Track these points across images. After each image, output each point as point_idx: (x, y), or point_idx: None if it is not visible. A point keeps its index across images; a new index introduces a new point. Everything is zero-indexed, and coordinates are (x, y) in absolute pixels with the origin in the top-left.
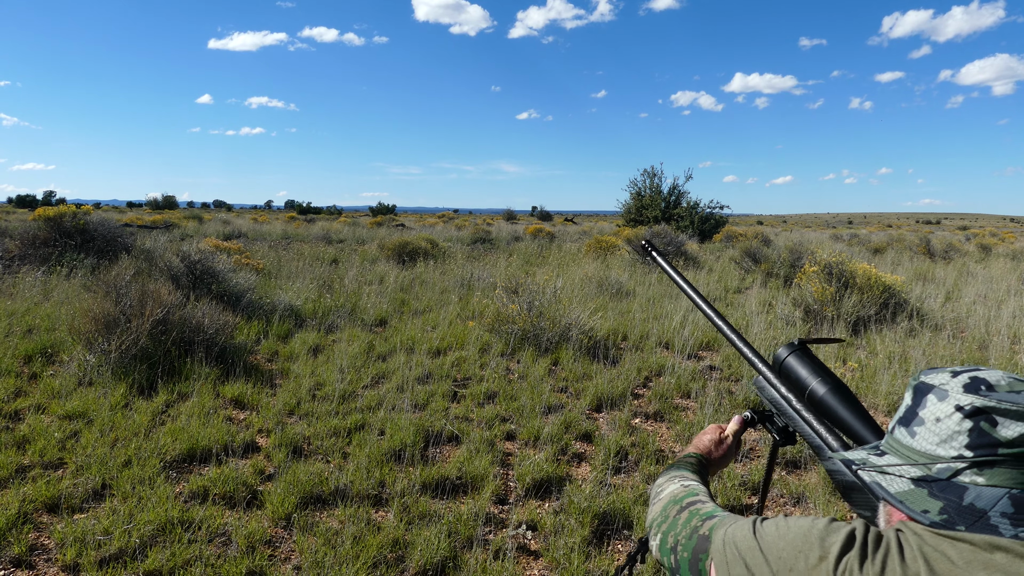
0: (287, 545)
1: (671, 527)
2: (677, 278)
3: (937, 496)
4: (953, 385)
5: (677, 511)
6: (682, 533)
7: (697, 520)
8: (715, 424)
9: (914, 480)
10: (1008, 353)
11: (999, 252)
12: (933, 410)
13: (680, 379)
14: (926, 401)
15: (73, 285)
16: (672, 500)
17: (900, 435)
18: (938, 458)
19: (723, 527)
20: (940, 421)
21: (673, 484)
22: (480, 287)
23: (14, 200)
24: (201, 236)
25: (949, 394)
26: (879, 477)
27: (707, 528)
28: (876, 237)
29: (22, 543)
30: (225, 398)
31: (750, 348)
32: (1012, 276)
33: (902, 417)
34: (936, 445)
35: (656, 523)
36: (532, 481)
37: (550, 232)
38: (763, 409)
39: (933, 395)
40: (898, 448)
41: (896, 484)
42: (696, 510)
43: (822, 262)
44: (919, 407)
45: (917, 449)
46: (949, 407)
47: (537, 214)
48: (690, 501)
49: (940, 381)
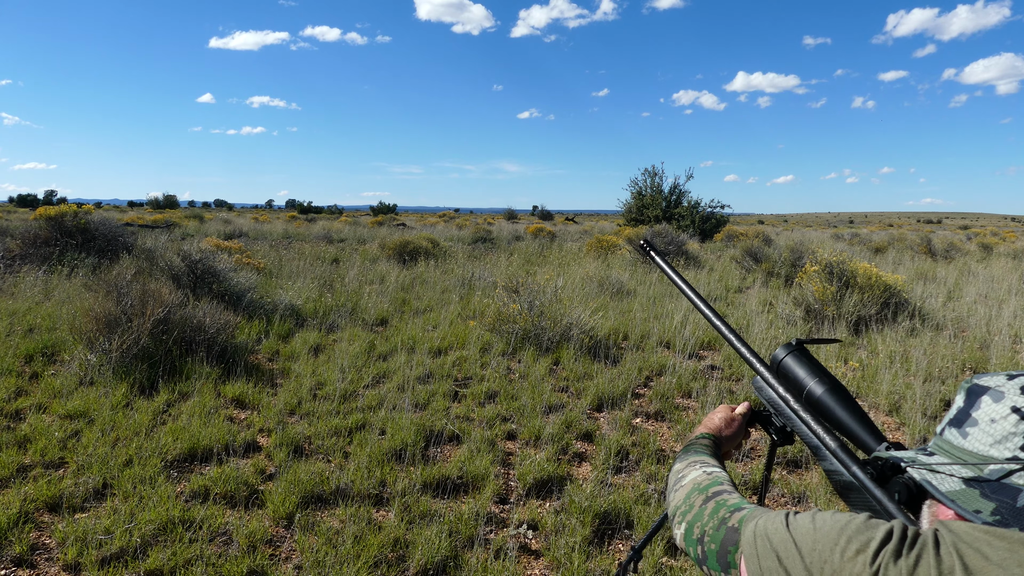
0: (288, 544)
1: (697, 517)
2: (676, 278)
3: (990, 497)
4: (1010, 387)
5: (703, 500)
6: (709, 524)
7: (725, 511)
8: (725, 403)
9: (965, 480)
10: (1009, 353)
11: (1000, 251)
12: (988, 411)
13: (681, 379)
14: (980, 403)
15: (74, 284)
16: (696, 488)
17: (951, 436)
18: (991, 459)
19: (753, 520)
20: (995, 422)
21: (695, 470)
22: (481, 286)
23: (15, 199)
24: (202, 235)
25: (1006, 395)
26: (929, 475)
27: (736, 520)
28: (877, 236)
29: (23, 542)
30: (226, 397)
31: (748, 348)
32: (1013, 275)
33: (953, 418)
34: (990, 446)
35: (681, 512)
36: (533, 481)
37: (551, 231)
38: (762, 409)
39: (988, 396)
40: (948, 449)
41: (947, 483)
42: (723, 500)
43: (823, 261)
44: (972, 408)
45: (969, 450)
46: (1005, 408)
47: (538, 213)
48: (716, 491)
49: (996, 383)
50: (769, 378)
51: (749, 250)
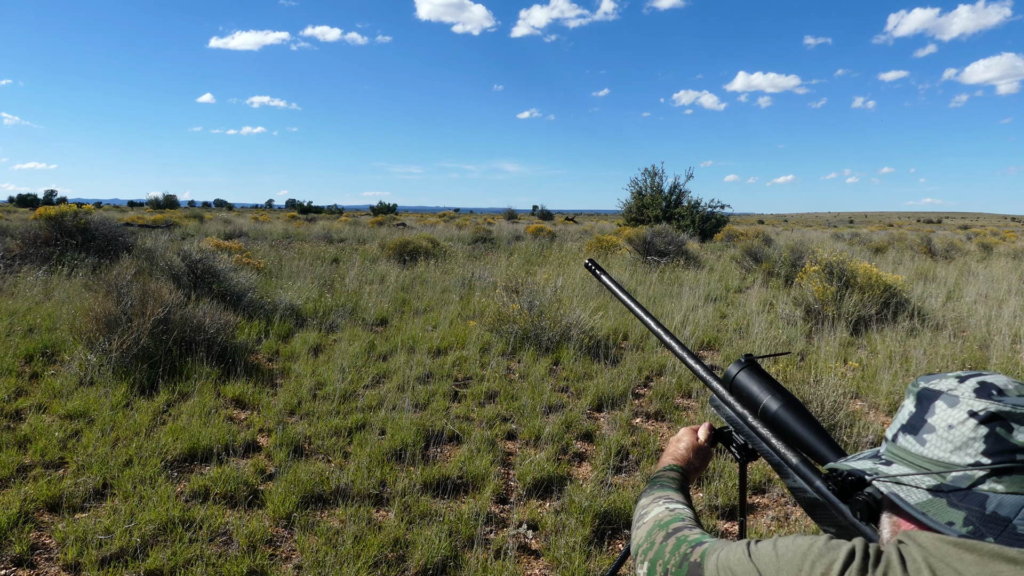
0: (288, 544)
1: (658, 554)
2: (625, 298)
3: (958, 506)
4: (963, 390)
5: (663, 537)
6: (671, 561)
7: (686, 547)
8: (688, 428)
9: (930, 490)
10: (1009, 352)
11: (1000, 251)
12: (944, 416)
13: (681, 379)
14: (934, 407)
15: (74, 284)
16: (657, 525)
17: (906, 443)
18: (952, 466)
19: (715, 552)
20: (953, 428)
21: (658, 506)
22: (481, 286)
23: (15, 199)
24: (202, 235)
25: (960, 400)
26: (895, 488)
27: (698, 554)
28: (877, 236)
29: (23, 542)
30: (226, 397)
31: (702, 365)
32: (1013, 275)
33: (907, 424)
34: (950, 452)
35: (642, 550)
36: (533, 481)
37: (551, 231)
38: (723, 428)
39: (942, 401)
40: (905, 457)
41: (914, 495)
42: (684, 536)
43: (823, 261)
44: (926, 414)
45: (929, 457)
46: (962, 413)
47: (538, 213)
48: (676, 527)
49: (948, 387)
50: (725, 395)
51: (749, 250)
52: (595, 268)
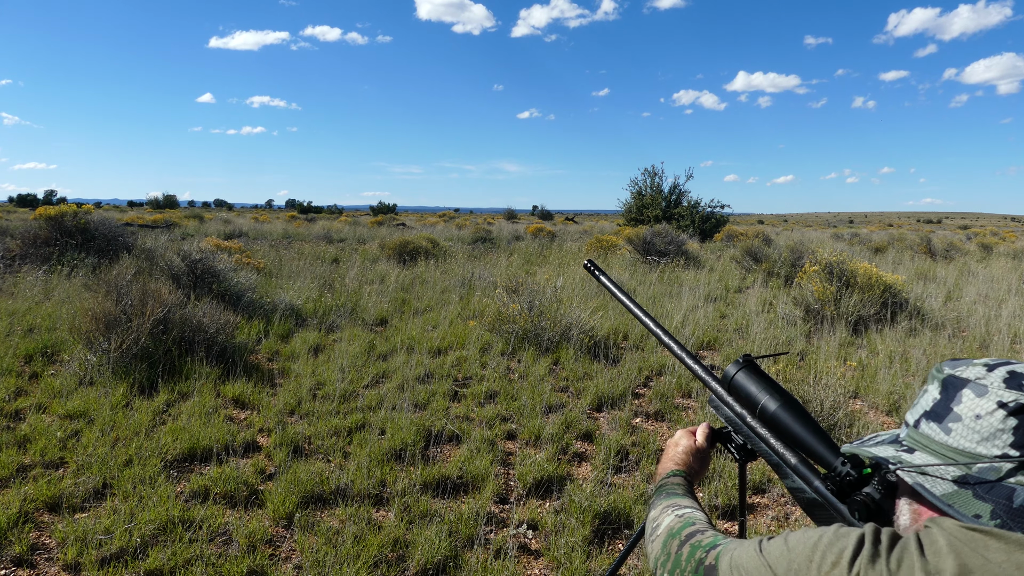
0: (288, 544)
1: (675, 564)
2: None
3: (983, 498)
4: (992, 380)
5: (678, 546)
6: (688, 568)
7: (701, 552)
8: (684, 430)
9: (955, 480)
10: (1009, 352)
11: (1000, 251)
12: (971, 406)
13: (681, 378)
14: (961, 396)
15: (74, 284)
16: (670, 535)
17: (930, 430)
18: (979, 457)
19: (728, 553)
20: (981, 418)
21: (668, 516)
22: (481, 286)
23: (15, 199)
24: (202, 235)
25: (989, 389)
26: (920, 478)
27: (712, 557)
28: (877, 236)
29: (23, 542)
30: (226, 397)
31: (701, 366)
32: (1013, 275)
33: (930, 411)
34: (976, 443)
35: (660, 563)
36: (533, 480)
37: (551, 231)
38: (721, 428)
39: (969, 390)
40: (929, 444)
41: (939, 486)
42: (698, 542)
43: (823, 261)
44: (952, 402)
45: (954, 447)
46: (991, 403)
47: (538, 213)
48: (689, 532)
49: (975, 375)
50: (724, 395)
51: (749, 250)
52: (594, 269)
